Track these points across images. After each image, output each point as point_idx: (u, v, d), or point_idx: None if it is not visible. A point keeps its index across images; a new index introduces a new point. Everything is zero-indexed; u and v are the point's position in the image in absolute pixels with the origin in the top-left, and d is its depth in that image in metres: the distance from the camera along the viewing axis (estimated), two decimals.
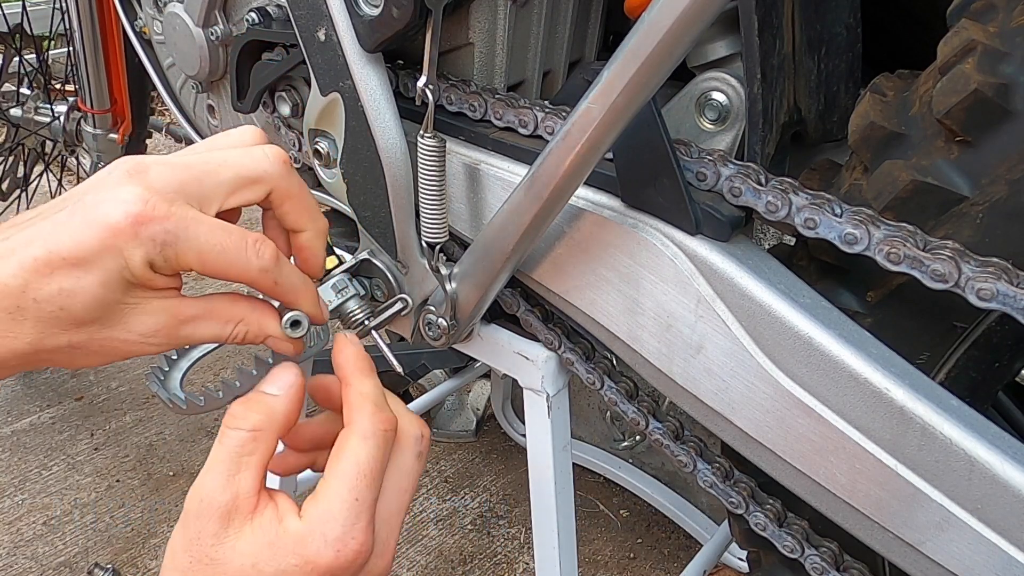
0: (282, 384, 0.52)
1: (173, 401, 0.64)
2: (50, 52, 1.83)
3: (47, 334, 0.46)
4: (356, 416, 0.51)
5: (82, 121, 1.51)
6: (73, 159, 1.80)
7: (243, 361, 0.62)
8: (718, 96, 0.70)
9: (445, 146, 0.68)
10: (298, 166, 0.87)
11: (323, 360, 1.55)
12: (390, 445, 0.52)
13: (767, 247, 0.67)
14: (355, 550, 0.48)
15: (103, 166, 1.80)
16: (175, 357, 0.67)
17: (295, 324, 0.55)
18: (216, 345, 0.66)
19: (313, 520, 0.48)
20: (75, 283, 0.45)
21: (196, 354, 0.67)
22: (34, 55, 1.63)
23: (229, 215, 0.52)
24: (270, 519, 0.48)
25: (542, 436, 0.80)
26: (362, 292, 0.72)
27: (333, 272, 0.70)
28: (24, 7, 1.62)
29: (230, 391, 0.63)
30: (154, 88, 1.08)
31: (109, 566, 1.21)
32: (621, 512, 1.46)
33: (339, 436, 0.51)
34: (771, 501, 0.69)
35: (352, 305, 0.70)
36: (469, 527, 1.42)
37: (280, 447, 0.54)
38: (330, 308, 0.69)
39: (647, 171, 0.62)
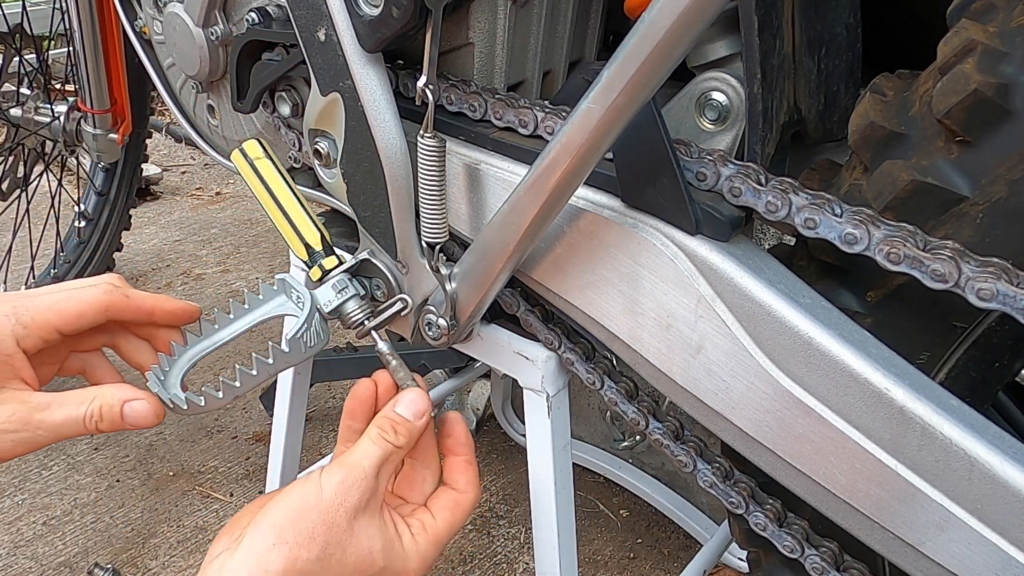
0: (419, 412, 0.65)
1: (173, 402, 0.64)
2: (50, 52, 1.83)
3: None
4: (470, 486, 0.67)
5: (82, 121, 1.51)
6: (73, 159, 1.80)
7: (243, 361, 0.62)
8: (718, 96, 0.70)
9: (445, 146, 0.68)
10: (298, 166, 0.87)
11: (322, 361, 1.54)
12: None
13: (767, 247, 0.67)
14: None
15: (103, 166, 1.81)
16: (175, 356, 0.67)
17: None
18: (215, 346, 0.66)
19: (421, 547, 0.62)
20: None
21: (194, 353, 0.67)
22: (34, 55, 1.63)
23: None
24: (389, 522, 0.61)
25: (542, 436, 0.80)
26: (362, 292, 0.72)
27: (332, 272, 0.70)
28: (24, 7, 1.62)
29: (231, 391, 0.63)
30: (154, 88, 1.08)
31: (109, 566, 1.21)
32: (621, 512, 1.46)
33: (456, 494, 0.66)
34: (771, 501, 0.69)
35: (352, 305, 0.70)
36: (469, 527, 1.42)
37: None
38: (330, 308, 0.69)
39: (647, 171, 0.62)
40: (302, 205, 0.69)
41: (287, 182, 0.70)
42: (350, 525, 0.58)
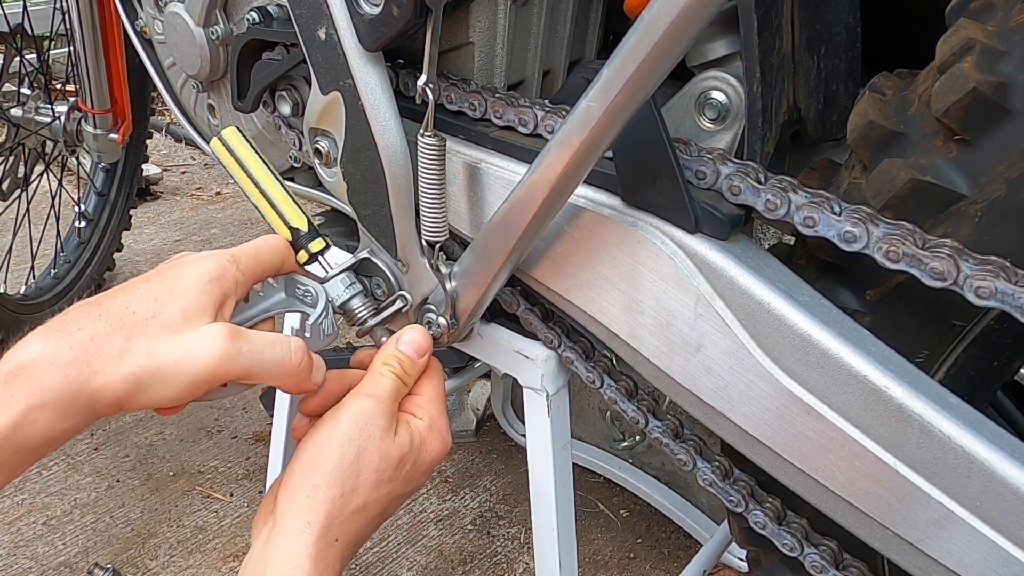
0: (421, 349, 0.67)
1: None
2: (50, 52, 1.83)
3: None
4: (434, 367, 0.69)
5: (82, 121, 1.51)
6: (73, 159, 1.80)
7: None
8: (717, 95, 0.70)
9: (445, 145, 0.68)
10: (298, 165, 0.87)
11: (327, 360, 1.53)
12: None
13: (766, 246, 0.67)
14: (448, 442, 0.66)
15: (103, 166, 1.81)
16: None
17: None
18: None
19: (432, 417, 0.65)
20: None
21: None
22: (34, 55, 1.63)
23: None
24: (404, 424, 0.63)
25: (542, 436, 0.80)
26: (365, 290, 0.72)
27: (324, 257, 0.70)
28: (24, 7, 1.62)
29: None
30: (154, 88, 1.08)
31: (109, 566, 1.21)
32: (621, 512, 1.46)
33: (425, 377, 0.68)
34: (771, 499, 0.69)
35: (357, 302, 0.70)
36: (469, 527, 1.42)
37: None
38: (338, 303, 0.70)
39: (647, 170, 0.62)
40: (285, 190, 0.69)
41: (269, 168, 0.70)
42: (378, 448, 0.60)
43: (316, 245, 0.69)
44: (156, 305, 0.55)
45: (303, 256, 0.69)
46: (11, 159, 1.59)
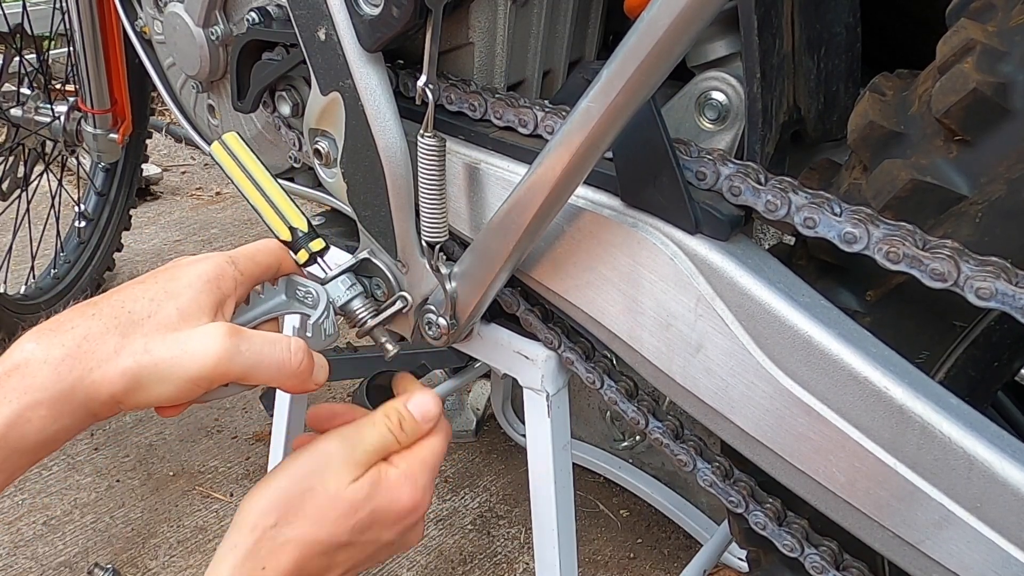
0: (428, 417, 0.64)
1: None
2: (50, 52, 1.83)
3: None
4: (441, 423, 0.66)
5: (82, 121, 1.51)
6: (73, 159, 1.80)
7: None
8: (718, 95, 0.70)
9: (445, 145, 0.68)
10: (298, 166, 0.87)
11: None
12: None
13: (767, 246, 0.67)
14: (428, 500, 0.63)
15: (103, 166, 1.81)
16: None
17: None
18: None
19: (409, 468, 0.62)
20: None
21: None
22: (34, 55, 1.63)
23: None
24: (372, 471, 0.61)
25: (542, 436, 0.80)
26: (366, 291, 0.72)
27: (324, 258, 0.70)
28: (24, 7, 1.62)
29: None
30: (154, 88, 1.08)
31: (109, 566, 1.21)
32: (621, 512, 1.46)
33: (426, 437, 0.64)
34: (771, 500, 0.69)
35: (357, 303, 0.71)
36: (469, 527, 1.42)
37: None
38: (341, 303, 0.70)
39: (647, 170, 0.62)
40: (285, 192, 0.70)
41: (268, 171, 0.70)
42: (327, 490, 0.58)
43: (316, 245, 0.69)
44: (152, 305, 0.55)
45: (303, 256, 0.69)
46: (11, 159, 1.59)
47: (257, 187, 0.69)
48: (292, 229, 0.69)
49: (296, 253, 0.69)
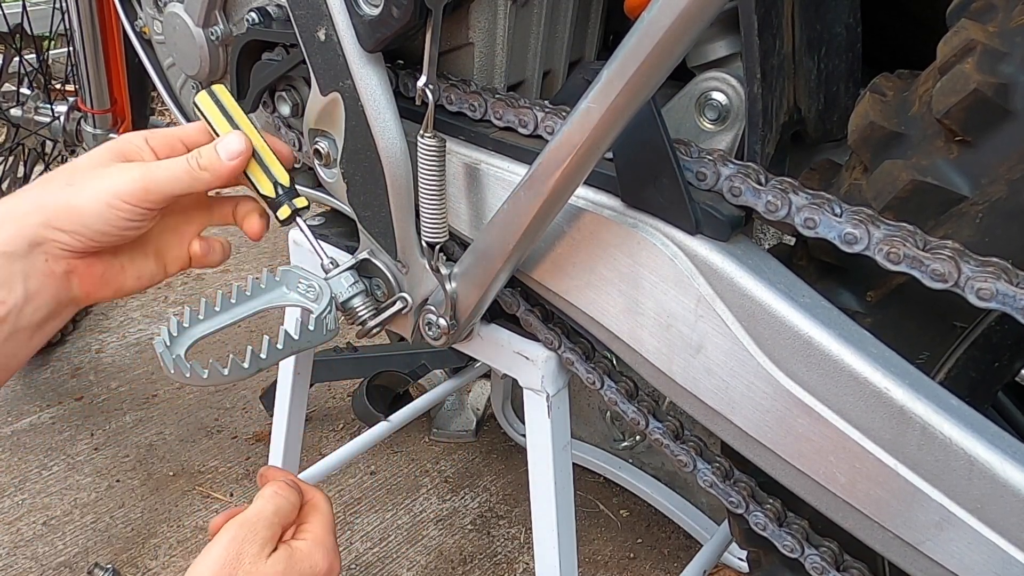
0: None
1: (177, 366, 0.63)
2: (50, 52, 1.83)
3: None
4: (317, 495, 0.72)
5: (82, 121, 1.51)
6: (73, 159, 1.80)
7: (236, 350, 0.63)
8: (718, 96, 0.70)
9: (445, 146, 0.68)
10: (298, 166, 0.87)
11: (322, 361, 1.54)
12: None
13: (767, 247, 0.67)
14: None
15: None
16: (186, 325, 0.66)
17: None
18: (231, 321, 0.67)
19: (317, 536, 0.67)
20: None
21: (200, 331, 0.66)
22: (34, 55, 1.63)
23: None
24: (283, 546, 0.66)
25: (542, 436, 0.80)
26: (366, 290, 0.72)
27: (307, 230, 0.71)
28: (24, 7, 1.62)
29: (256, 360, 0.63)
30: (154, 88, 1.08)
31: (109, 566, 1.21)
32: (621, 512, 1.46)
33: (310, 503, 0.71)
34: (771, 501, 0.69)
35: (358, 302, 0.71)
36: (469, 527, 1.42)
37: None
38: (343, 299, 0.70)
39: (647, 171, 0.62)
40: (269, 147, 0.70)
41: (254, 125, 0.70)
42: (248, 572, 0.62)
43: (299, 202, 0.69)
44: (68, 167, 0.65)
45: (284, 212, 0.69)
46: (11, 159, 1.59)
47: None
48: (275, 183, 0.68)
49: (278, 209, 0.69)
